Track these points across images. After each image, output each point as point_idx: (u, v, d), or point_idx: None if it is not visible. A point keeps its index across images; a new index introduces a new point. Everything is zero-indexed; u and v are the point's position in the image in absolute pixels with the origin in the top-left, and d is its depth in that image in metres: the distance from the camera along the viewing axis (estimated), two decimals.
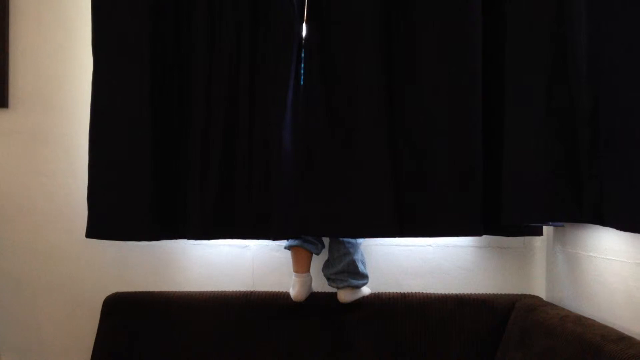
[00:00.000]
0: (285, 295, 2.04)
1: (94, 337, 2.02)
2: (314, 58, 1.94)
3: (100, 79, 1.95)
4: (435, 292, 2.10)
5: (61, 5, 2.15)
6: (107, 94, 1.95)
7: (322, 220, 1.92)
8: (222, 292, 2.08)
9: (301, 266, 1.99)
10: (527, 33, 1.77)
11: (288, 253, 2.05)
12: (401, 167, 1.93)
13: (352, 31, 1.92)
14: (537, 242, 2.16)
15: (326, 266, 2.02)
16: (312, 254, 2.01)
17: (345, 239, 1.99)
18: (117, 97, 1.94)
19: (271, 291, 2.10)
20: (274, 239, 1.92)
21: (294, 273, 2.00)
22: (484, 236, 2.03)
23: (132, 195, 1.93)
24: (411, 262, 2.17)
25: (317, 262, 2.06)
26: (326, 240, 2.06)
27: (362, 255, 2.03)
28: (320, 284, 2.07)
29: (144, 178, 1.93)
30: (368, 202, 1.90)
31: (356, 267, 1.98)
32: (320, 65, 1.94)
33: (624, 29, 1.49)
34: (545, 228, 2.09)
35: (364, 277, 2.00)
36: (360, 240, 2.04)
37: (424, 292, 2.11)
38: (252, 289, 2.12)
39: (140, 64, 1.93)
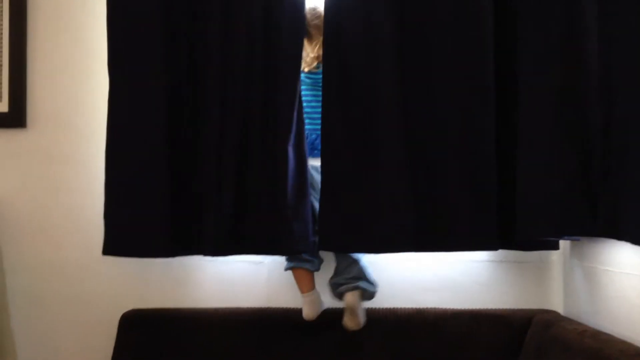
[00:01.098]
0: (300, 311, 2.03)
1: (111, 353, 2.04)
2: (333, 78, 1.96)
3: (116, 98, 1.99)
4: (451, 307, 2.09)
5: (79, 26, 2.19)
6: (123, 113, 1.98)
7: (342, 237, 1.94)
8: (237, 308, 2.09)
9: (305, 285, 2.00)
10: (538, 48, 1.77)
11: None
12: (417, 182, 1.93)
13: (370, 49, 1.95)
14: (554, 256, 2.13)
15: (335, 275, 2.00)
16: (312, 272, 2.01)
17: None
18: (133, 116, 1.98)
19: (286, 307, 2.09)
20: (278, 254, 2.00)
21: (302, 295, 2.00)
22: (500, 251, 2.02)
23: (148, 212, 1.95)
24: (426, 277, 2.15)
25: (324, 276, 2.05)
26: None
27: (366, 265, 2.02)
28: (334, 300, 2.07)
29: (160, 195, 1.95)
30: (387, 219, 1.91)
31: (366, 274, 1.98)
32: (338, 85, 1.96)
33: (634, 43, 1.49)
34: (561, 242, 2.07)
35: (374, 284, 1.99)
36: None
37: (440, 307, 2.09)
38: (267, 305, 2.12)
39: (156, 83, 1.96)
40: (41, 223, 2.17)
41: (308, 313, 1.98)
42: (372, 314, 2.04)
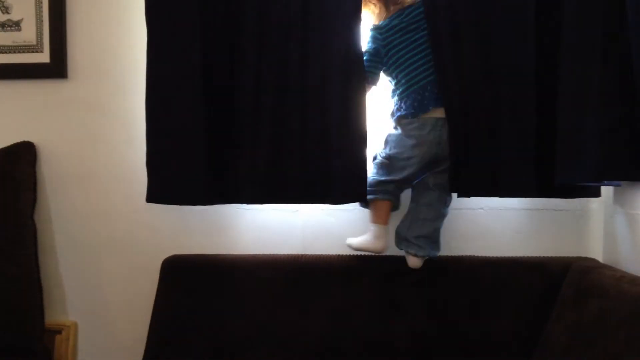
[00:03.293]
0: (335, 259, 2.06)
1: (153, 297, 2.11)
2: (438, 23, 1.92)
3: (154, 48, 2.00)
4: (488, 255, 2.08)
5: None
6: (161, 64, 1.99)
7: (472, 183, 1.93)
8: (273, 255, 2.13)
9: (385, 217, 1.98)
10: None
11: (338, 218, 2.07)
12: (458, 127, 1.90)
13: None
14: (594, 203, 2.09)
15: (406, 226, 1.99)
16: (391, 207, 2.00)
17: (440, 207, 1.98)
18: (170, 66, 1.98)
19: (321, 254, 2.12)
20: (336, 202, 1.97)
21: (376, 224, 1.97)
22: (539, 199, 1.99)
23: (187, 161, 1.98)
24: (462, 226, 2.14)
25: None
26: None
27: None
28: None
29: (198, 145, 1.97)
30: (468, 166, 1.91)
31: (438, 237, 1.98)
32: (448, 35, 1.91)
33: None
34: (603, 189, 2.02)
35: (439, 248, 2.00)
36: (448, 211, 2.02)
37: (476, 255, 2.08)
38: (302, 252, 2.15)
39: (193, 32, 1.97)
40: (83, 172, 2.24)
41: (381, 246, 1.96)
42: None
